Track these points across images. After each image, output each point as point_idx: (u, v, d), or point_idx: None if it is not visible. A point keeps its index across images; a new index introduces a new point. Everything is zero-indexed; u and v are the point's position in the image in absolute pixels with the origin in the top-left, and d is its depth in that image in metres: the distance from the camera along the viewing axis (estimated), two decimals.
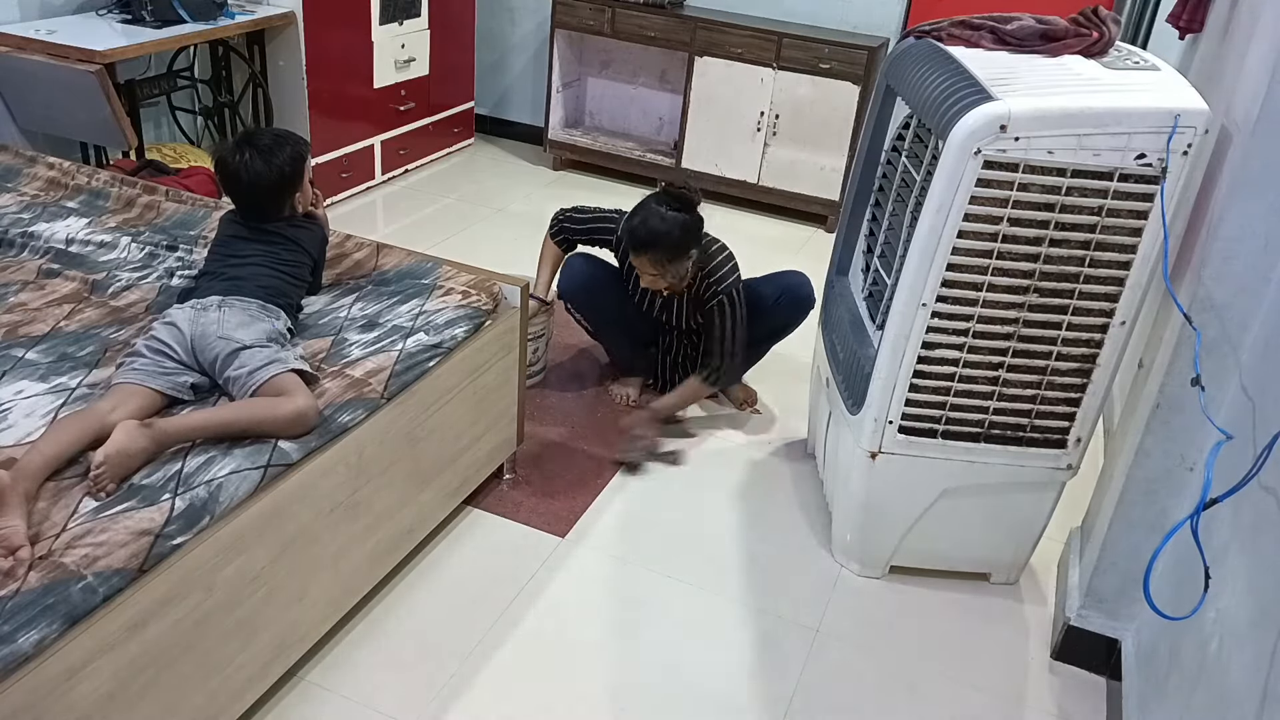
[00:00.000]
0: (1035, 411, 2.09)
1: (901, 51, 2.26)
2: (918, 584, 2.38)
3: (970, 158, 1.83)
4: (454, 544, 2.35)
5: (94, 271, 2.30)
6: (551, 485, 2.59)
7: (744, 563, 2.39)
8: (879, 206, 2.39)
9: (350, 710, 1.90)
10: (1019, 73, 1.94)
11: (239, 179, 2.06)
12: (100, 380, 1.89)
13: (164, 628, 1.52)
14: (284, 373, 1.83)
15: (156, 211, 2.61)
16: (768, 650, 2.15)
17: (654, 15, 4.40)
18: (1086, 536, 2.26)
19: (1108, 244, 1.90)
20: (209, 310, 1.93)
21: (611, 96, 4.98)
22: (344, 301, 2.26)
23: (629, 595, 2.26)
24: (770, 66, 4.24)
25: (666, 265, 2.56)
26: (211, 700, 1.67)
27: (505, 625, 2.14)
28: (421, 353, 2.07)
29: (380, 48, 4.17)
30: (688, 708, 1.99)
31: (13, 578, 1.38)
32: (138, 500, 1.56)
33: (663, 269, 2.57)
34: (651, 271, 2.58)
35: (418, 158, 4.68)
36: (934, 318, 2.00)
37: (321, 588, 1.89)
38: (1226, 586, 1.61)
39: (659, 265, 2.56)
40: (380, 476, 1.99)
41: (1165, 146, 1.80)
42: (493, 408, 2.37)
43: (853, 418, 2.22)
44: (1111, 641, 2.13)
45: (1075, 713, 2.07)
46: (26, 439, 1.70)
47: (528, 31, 5.01)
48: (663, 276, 2.59)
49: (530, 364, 2.93)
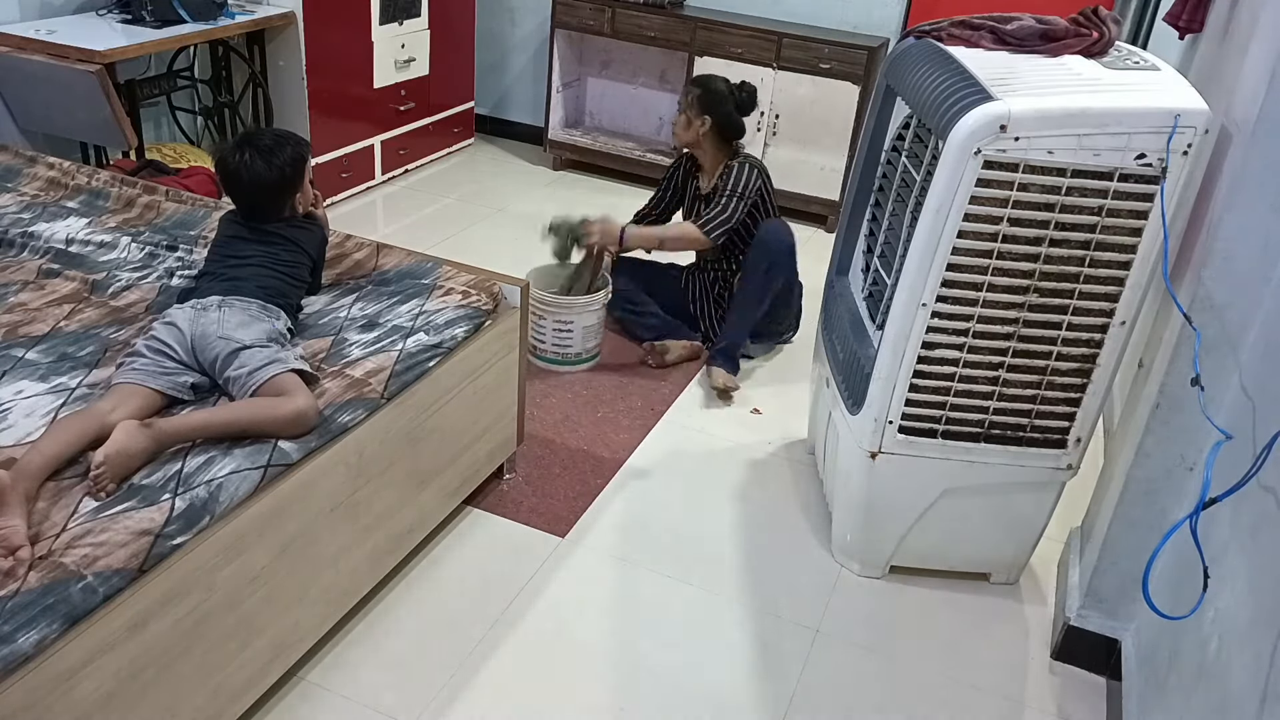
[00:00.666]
0: (1035, 411, 2.09)
1: (901, 51, 2.26)
2: (918, 584, 2.38)
3: (970, 158, 1.83)
4: (454, 544, 2.35)
5: (94, 271, 2.30)
6: (551, 485, 2.59)
7: (744, 563, 2.39)
8: (879, 206, 2.39)
9: (350, 710, 1.90)
10: (1019, 73, 1.94)
11: (239, 179, 2.07)
12: (100, 380, 1.89)
13: (164, 628, 1.52)
14: (284, 373, 1.83)
15: (156, 211, 2.61)
16: (768, 650, 2.15)
17: (654, 15, 4.40)
18: (1086, 536, 2.26)
19: (1108, 244, 1.90)
20: (209, 310, 1.93)
21: (611, 96, 4.98)
22: (344, 301, 2.26)
23: (629, 595, 2.26)
24: (770, 66, 4.24)
25: (694, 106, 3.04)
26: (211, 700, 1.67)
27: (505, 625, 2.14)
28: (421, 353, 2.07)
29: (380, 48, 4.17)
30: (688, 708, 1.99)
31: (13, 578, 1.38)
32: (138, 500, 1.56)
33: (684, 114, 3.07)
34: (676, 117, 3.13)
35: (418, 158, 4.68)
36: (934, 318, 2.00)
37: (321, 588, 1.89)
38: (1226, 586, 1.61)
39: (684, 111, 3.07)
40: (380, 476, 1.99)
41: (1165, 146, 1.80)
42: (493, 408, 2.37)
43: (853, 418, 2.22)
44: (1111, 641, 2.13)
45: (1075, 713, 2.07)
46: (26, 439, 1.70)
47: (528, 31, 5.01)
48: (680, 118, 3.09)
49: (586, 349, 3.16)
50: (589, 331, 3.12)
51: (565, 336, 3.09)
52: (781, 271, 3.05)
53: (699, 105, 3.04)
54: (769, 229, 3.03)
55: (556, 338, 3.09)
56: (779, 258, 3.03)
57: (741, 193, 3.02)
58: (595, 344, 3.19)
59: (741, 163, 3.07)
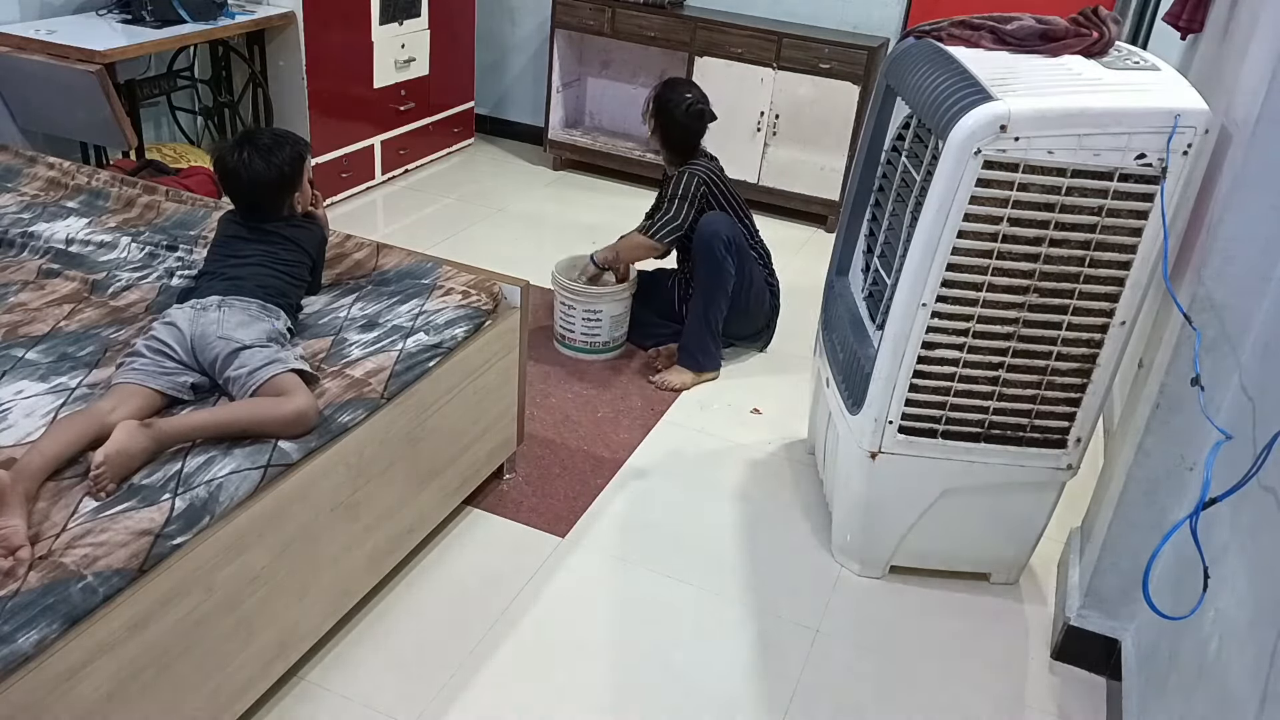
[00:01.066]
0: (1035, 411, 2.09)
1: (901, 52, 2.26)
2: (918, 584, 2.38)
3: (970, 158, 1.83)
4: (454, 544, 2.35)
5: (94, 271, 2.30)
6: (551, 485, 2.59)
7: (744, 563, 2.39)
8: (879, 206, 2.39)
9: (350, 710, 1.90)
10: (1019, 73, 1.94)
11: (239, 178, 2.07)
12: (100, 380, 1.89)
13: (164, 628, 1.52)
14: (284, 373, 1.83)
15: (156, 211, 2.61)
16: (768, 650, 2.15)
17: (654, 15, 4.40)
18: (1086, 536, 2.26)
19: (1108, 244, 1.90)
20: (209, 310, 1.93)
21: (611, 96, 4.98)
22: (344, 301, 2.26)
23: (629, 595, 2.26)
24: (770, 66, 4.24)
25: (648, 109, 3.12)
26: (211, 700, 1.67)
27: (505, 625, 2.14)
28: (421, 353, 2.07)
29: (380, 48, 4.17)
30: (688, 708, 1.99)
31: (13, 578, 1.38)
32: (138, 500, 1.56)
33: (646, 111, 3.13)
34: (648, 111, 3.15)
35: (418, 158, 4.68)
36: (934, 318, 1.99)
37: (321, 588, 1.89)
38: (1226, 586, 1.61)
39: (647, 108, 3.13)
40: (380, 476, 1.99)
41: (1165, 146, 1.80)
42: (493, 408, 2.37)
43: (853, 418, 2.22)
44: (1111, 641, 2.13)
45: (1075, 713, 2.07)
46: (26, 439, 1.70)
47: (528, 31, 5.01)
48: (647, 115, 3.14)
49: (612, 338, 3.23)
50: (617, 321, 3.18)
51: (594, 326, 3.15)
52: (715, 262, 3.02)
53: (652, 109, 3.10)
54: (703, 221, 3.03)
55: (585, 327, 3.15)
56: (709, 248, 3.00)
57: (683, 195, 3.03)
58: (622, 333, 3.25)
59: (684, 169, 3.08)
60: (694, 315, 3.10)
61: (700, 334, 3.10)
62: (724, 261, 3.02)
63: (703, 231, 3.02)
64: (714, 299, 3.06)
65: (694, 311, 3.10)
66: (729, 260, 3.03)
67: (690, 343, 3.12)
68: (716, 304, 3.07)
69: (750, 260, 3.12)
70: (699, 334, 3.10)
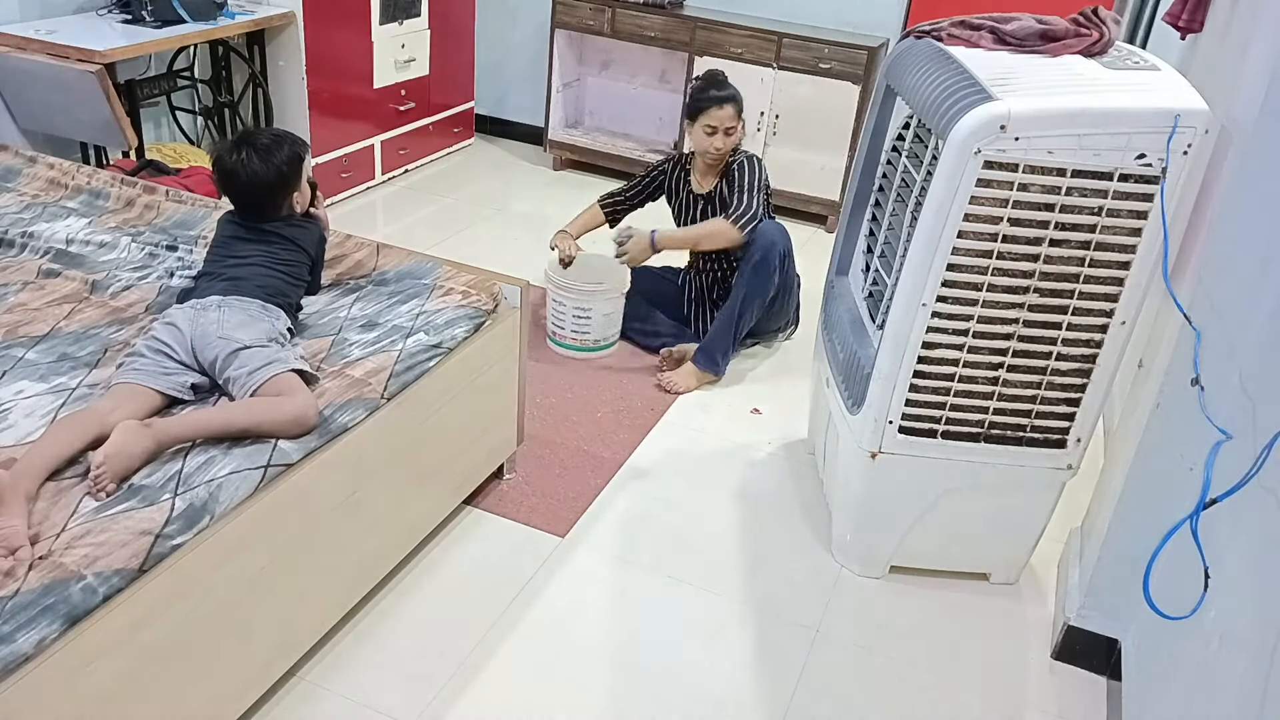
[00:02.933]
0: (1035, 411, 2.09)
1: (901, 52, 2.26)
2: (918, 584, 2.38)
3: (970, 158, 1.83)
4: (454, 544, 2.35)
5: (94, 271, 2.30)
6: (551, 485, 2.59)
7: (744, 563, 2.39)
8: (879, 206, 2.39)
9: (350, 710, 1.90)
10: (1019, 73, 1.94)
11: (237, 177, 2.06)
12: (100, 380, 1.89)
13: (164, 628, 1.52)
14: (284, 373, 1.83)
15: (156, 211, 2.61)
16: (768, 650, 2.15)
17: (654, 15, 4.40)
18: (1086, 536, 2.26)
19: (1108, 244, 1.90)
20: (209, 310, 1.92)
21: (611, 96, 4.98)
22: (344, 301, 2.26)
23: (629, 595, 2.26)
24: (770, 66, 4.24)
25: (740, 116, 3.05)
26: (211, 700, 1.67)
27: (505, 625, 2.14)
28: (421, 353, 2.07)
29: (380, 48, 4.17)
30: (688, 707, 1.99)
31: (13, 578, 1.38)
32: (138, 500, 1.56)
33: (738, 120, 3.05)
34: (731, 123, 3.03)
35: (418, 158, 4.68)
36: (934, 318, 1.99)
37: (321, 587, 1.89)
38: (1226, 586, 1.61)
39: (739, 115, 3.05)
40: (380, 476, 1.99)
41: (1165, 146, 1.80)
42: (493, 407, 2.37)
43: (853, 418, 2.22)
44: (1111, 641, 2.13)
45: (1075, 713, 2.07)
46: (26, 439, 1.70)
47: (528, 31, 5.01)
48: (736, 124, 3.04)
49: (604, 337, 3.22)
50: (608, 320, 3.16)
51: (584, 324, 3.13)
52: (768, 273, 3.01)
53: (737, 107, 3.04)
54: (767, 231, 3.00)
55: (575, 325, 3.13)
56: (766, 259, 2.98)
57: (758, 185, 3.03)
58: (614, 332, 3.22)
59: (747, 158, 3.07)
60: (725, 318, 3.06)
61: (726, 338, 3.07)
62: (775, 273, 3.01)
63: (761, 240, 2.99)
64: (750, 307, 3.05)
65: (726, 315, 3.05)
66: (779, 273, 3.03)
67: (714, 345, 3.08)
68: (751, 312, 3.06)
69: (792, 263, 3.12)
70: (725, 338, 3.07)
